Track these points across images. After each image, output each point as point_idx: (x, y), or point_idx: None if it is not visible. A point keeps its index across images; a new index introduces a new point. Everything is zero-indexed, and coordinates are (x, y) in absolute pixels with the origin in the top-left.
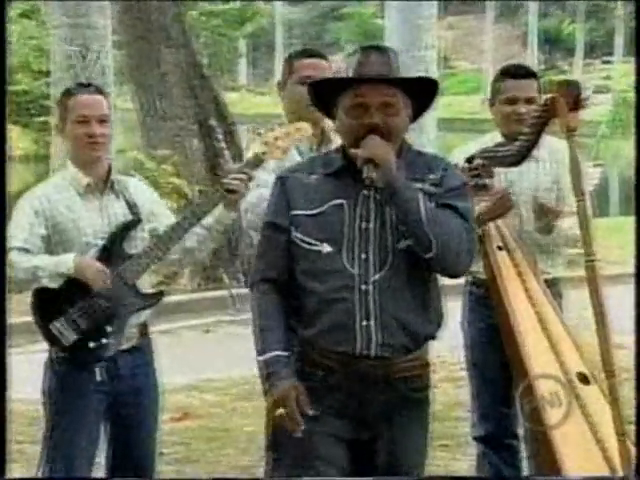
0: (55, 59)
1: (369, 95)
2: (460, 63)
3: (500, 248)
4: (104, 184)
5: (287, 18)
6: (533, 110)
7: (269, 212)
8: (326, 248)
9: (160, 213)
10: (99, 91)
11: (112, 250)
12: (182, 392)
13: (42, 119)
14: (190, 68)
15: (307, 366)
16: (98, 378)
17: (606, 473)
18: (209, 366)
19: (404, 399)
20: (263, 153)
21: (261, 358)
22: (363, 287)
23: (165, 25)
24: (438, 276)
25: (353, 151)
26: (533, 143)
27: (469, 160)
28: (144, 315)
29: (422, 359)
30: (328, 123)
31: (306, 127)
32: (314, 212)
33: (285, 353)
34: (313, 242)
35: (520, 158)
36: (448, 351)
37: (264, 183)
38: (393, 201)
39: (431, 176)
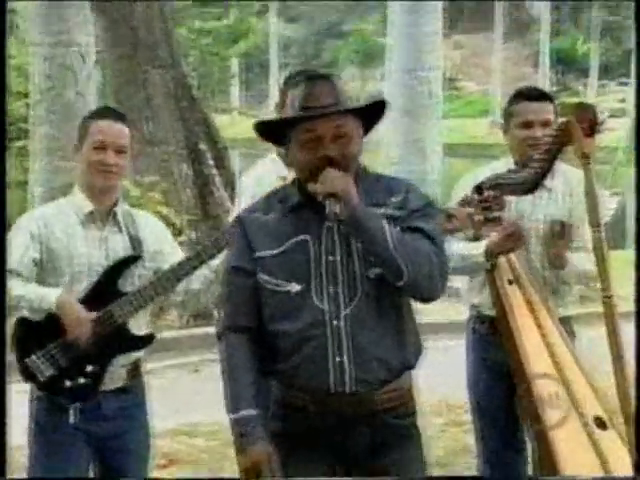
0: (35, 80)
1: (321, 128)
2: (467, 84)
3: (511, 282)
4: (108, 215)
5: (283, 36)
6: (546, 136)
7: (232, 255)
8: (295, 287)
9: (168, 253)
10: (121, 119)
11: (106, 286)
12: (168, 437)
13: (21, 143)
14: (179, 89)
15: (283, 408)
16: (71, 420)
17: None
18: (197, 409)
19: (390, 428)
20: None
21: (232, 416)
22: (334, 322)
23: (152, 43)
24: (411, 301)
25: (312, 186)
26: (546, 170)
27: (478, 189)
28: (134, 356)
29: (403, 387)
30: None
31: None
32: (277, 251)
33: (255, 412)
34: (280, 282)
35: (532, 186)
36: (452, 393)
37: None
38: (358, 233)
39: (393, 199)
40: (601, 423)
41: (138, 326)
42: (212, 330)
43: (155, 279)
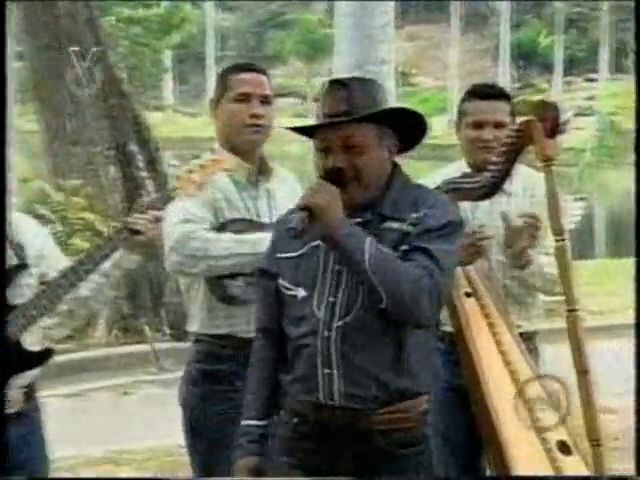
0: None
1: (329, 137)
2: (422, 79)
3: (468, 295)
4: None
5: (220, 26)
6: (505, 136)
7: (264, 257)
8: (301, 292)
9: (50, 255)
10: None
11: None
12: (95, 465)
13: None
14: (106, 83)
15: (285, 412)
16: None
17: None
18: (126, 435)
19: (384, 454)
20: (174, 189)
21: (241, 422)
22: (326, 333)
23: (76, 33)
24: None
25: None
26: (505, 174)
27: None
28: (29, 376)
29: (409, 412)
30: (266, 150)
31: (227, 159)
32: (294, 254)
33: (258, 423)
34: (291, 286)
35: (489, 191)
36: None
37: (193, 218)
38: (335, 252)
39: (414, 214)
40: (565, 448)
41: (31, 341)
42: (144, 348)
43: (46, 287)
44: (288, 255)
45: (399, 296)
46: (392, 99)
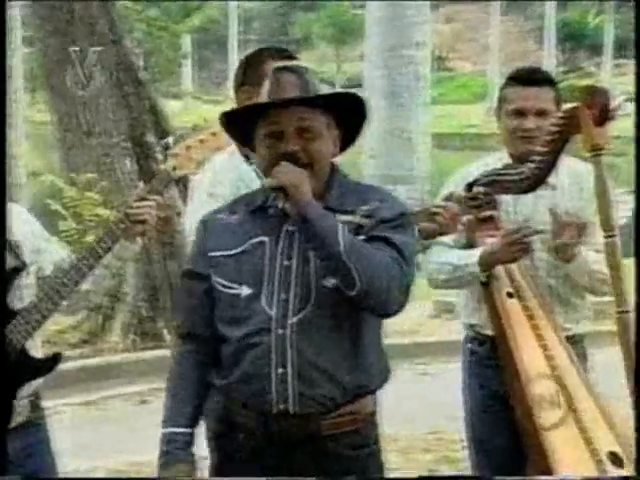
0: None
1: (283, 121)
2: (459, 64)
3: (510, 295)
4: None
5: (243, 8)
6: (550, 125)
7: (189, 259)
8: (245, 290)
9: (46, 249)
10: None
11: None
12: (113, 477)
13: None
14: (121, 70)
15: (225, 427)
16: None
17: None
18: (145, 445)
19: (338, 458)
20: (173, 168)
21: (162, 430)
22: (280, 330)
23: (89, 16)
24: (377, 320)
25: (264, 181)
26: (550, 166)
27: (470, 186)
28: (35, 384)
29: (359, 413)
30: None
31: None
32: (233, 252)
33: (186, 430)
34: (232, 285)
35: (533, 184)
36: (445, 425)
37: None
38: (307, 232)
39: (364, 207)
40: (616, 459)
41: (35, 347)
42: (162, 353)
43: (48, 288)
44: (226, 253)
45: (372, 283)
46: (427, 84)
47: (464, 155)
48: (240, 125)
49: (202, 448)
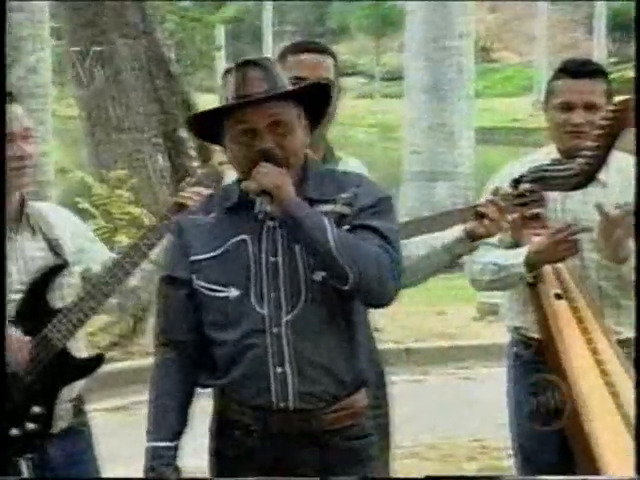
0: None
1: (254, 118)
2: (504, 55)
3: (559, 297)
4: (18, 219)
5: None
6: (600, 118)
7: (165, 264)
8: (233, 292)
9: (91, 248)
10: (14, 99)
11: (33, 306)
12: None
13: None
14: (153, 63)
15: (223, 426)
16: (26, 475)
17: None
18: (179, 452)
19: (340, 452)
20: (221, 163)
21: (147, 444)
22: (275, 329)
23: (120, 7)
24: (365, 310)
25: (244, 184)
26: (600, 162)
27: (516, 182)
28: (78, 387)
29: (355, 406)
30: (330, 137)
31: None
32: (214, 254)
33: (171, 444)
34: (218, 288)
35: (583, 181)
36: (490, 432)
37: None
38: (295, 232)
39: (343, 195)
40: None
41: (77, 347)
42: None
43: (91, 286)
44: (207, 256)
45: (364, 275)
46: (471, 76)
47: (509, 150)
48: (209, 125)
49: (193, 456)
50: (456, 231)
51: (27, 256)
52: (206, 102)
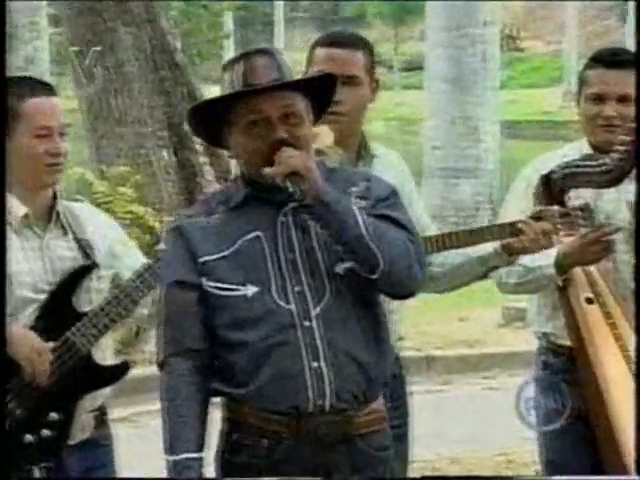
0: None
1: (267, 107)
2: (532, 44)
3: (590, 301)
4: (48, 216)
5: None
6: (636, 111)
7: (168, 271)
8: (251, 289)
9: (123, 253)
10: (54, 92)
11: (57, 308)
12: None
13: None
14: (157, 53)
15: (246, 436)
16: None
17: None
18: None
19: (369, 461)
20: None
21: (170, 458)
22: (306, 323)
23: None
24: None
25: (267, 170)
26: (635, 157)
27: (545, 179)
28: (101, 396)
29: (380, 411)
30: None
31: (325, 132)
32: (225, 253)
33: (197, 455)
34: (233, 287)
35: (617, 177)
36: (516, 446)
37: None
38: (326, 217)
39: (354, 189)
40: None
41: (102, 355)
42: None
43: (119, 291)
44: (217, 256)
45: (394, 261)
46: (496, 66)
47: (538, 145)
48: (210, 119)
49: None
50: (492, 244)
51: (55, 255)
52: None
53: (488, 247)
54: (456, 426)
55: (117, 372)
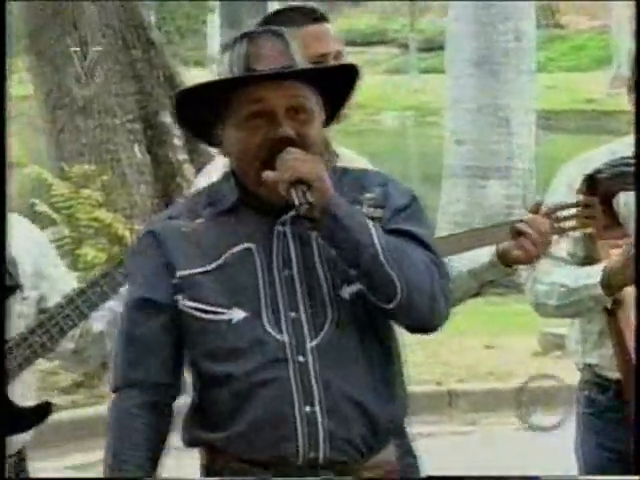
0: None
1: (272, 98)
2: (573, 19)
3: None
4: None
5: None
6: None
7: (134, 285)
8: (237, 314)
9: (51, 273)
10: None
11: None
12: None
13: None
14: (128, 30)
15: None
16: None
17: None
18: None
19: None
20: None
21: None
22: (300, 358)
23: None
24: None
25: (268, 174)
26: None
27: (590, 179)
28: (19, 441)
29: (390, 462)
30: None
31: None
32: (208, 268)
33: None
34: (216, 310)
35: None
36: None
37: None
38: (335, 234)
39: (367, 195)
40: None
41: (22, 393)
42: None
43: (46, 318)
44: (200, 270)
45: (414, 288)
46: (532, 46)
47: (581, 139)
48: (200, 108)
49: None
50: (486, 254)
51: None
52: (195, 77)
53: (482, 259)
54: (489, 467)
55: (38, 414)
